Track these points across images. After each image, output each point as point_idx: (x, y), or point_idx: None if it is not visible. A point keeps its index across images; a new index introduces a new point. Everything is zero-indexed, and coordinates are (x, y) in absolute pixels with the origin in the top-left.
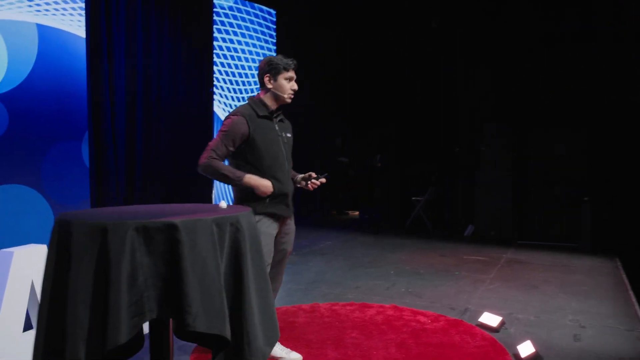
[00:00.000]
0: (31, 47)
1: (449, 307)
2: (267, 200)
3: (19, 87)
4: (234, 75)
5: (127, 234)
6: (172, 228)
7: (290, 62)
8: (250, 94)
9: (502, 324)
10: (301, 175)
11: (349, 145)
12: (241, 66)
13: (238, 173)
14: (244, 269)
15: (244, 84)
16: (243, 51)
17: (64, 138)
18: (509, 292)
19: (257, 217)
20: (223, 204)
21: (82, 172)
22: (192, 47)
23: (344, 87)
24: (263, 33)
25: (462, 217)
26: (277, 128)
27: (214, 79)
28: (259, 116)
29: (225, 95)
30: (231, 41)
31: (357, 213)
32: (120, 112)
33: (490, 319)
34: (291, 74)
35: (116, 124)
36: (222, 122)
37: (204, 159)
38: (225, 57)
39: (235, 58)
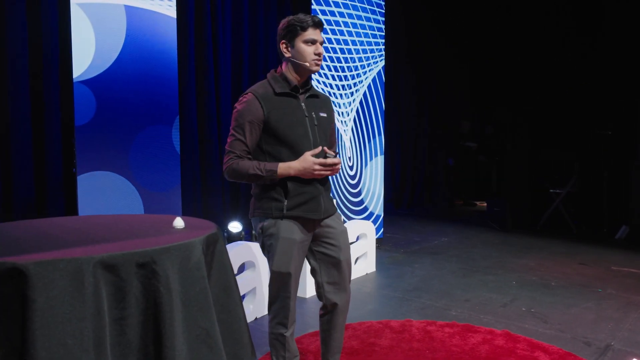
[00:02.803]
0: (119, 31)
1: (584, 340)
2: (286, 201)
3: (107, 71)
4: (335, 52)
5: None
6: (17, 275)
7: (309, 19)
8: (360, 70)
9: None
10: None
11: (477, 128)
12: (343, 41)
13: (269, 166)
14: (166, 337)
15: (346, 61)
16: (346, 24)
17: (154, 124)
18: None
19: (273, 221)
20: (178, 222)
21: (173, 159)
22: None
23: (469, 63)
24: (369, 2)
25: (613, 215)
26: (303, 106)
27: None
28: (276, 94)
29: (325, 75)
30: (332, 13)
31: (485, 204)
32: (225, 98)
33: None
34: (312, 34)
35: (221, 111)
36: (233, 109)
37: (224, 164)
38: (324, 31)
39: (337, 32)
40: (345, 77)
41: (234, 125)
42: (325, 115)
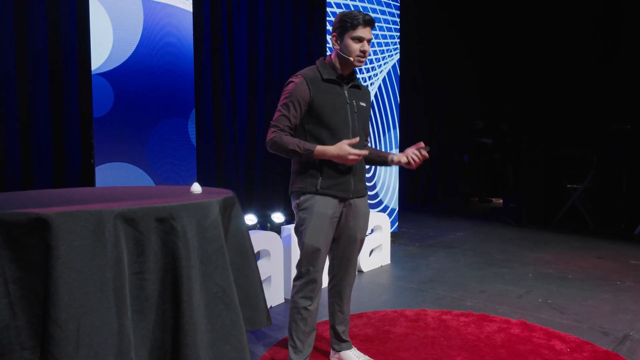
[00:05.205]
0: (136, 24)
1: (601, 330)
2: (320, 179)
3: (124, 64)
4: None
5: None
6: (41, 225)
7: (360, 18)
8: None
9: None
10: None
11: (492, 125)
12: None
13: (307, 145)
14: (184, 293)
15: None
16: None
17: (170, 116)
18: None
19: (310, 196)
20: (196, 188)
21: (188, 152)
22: (304, 17)
23: (483, 59)
24: None
25: (632, 211)
26: (346, 94)
27: (327, 49)
28: (323, 79)
29: None
30: (346, 6)
31: (501, 201)
32: (241, 92)
33: None
34: (360, 32)
35: (237, 104)
36: (283, 89)
37: (268, 135)
38: None
39: None
40: (360, 69)
41: (281, 103)
42: (364, 105)
